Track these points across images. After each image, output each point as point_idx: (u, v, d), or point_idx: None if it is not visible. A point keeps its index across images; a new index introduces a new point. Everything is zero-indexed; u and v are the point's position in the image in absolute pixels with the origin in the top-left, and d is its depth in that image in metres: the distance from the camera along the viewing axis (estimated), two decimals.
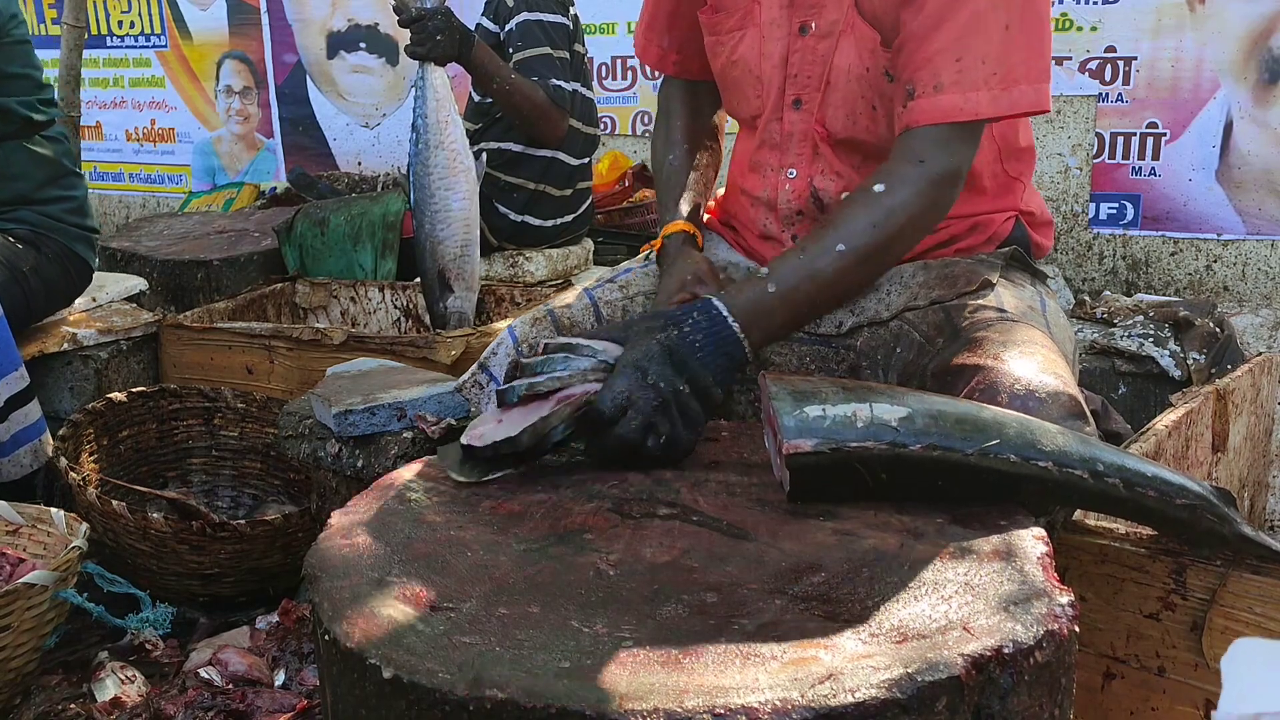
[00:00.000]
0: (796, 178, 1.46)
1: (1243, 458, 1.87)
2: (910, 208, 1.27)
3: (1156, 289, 3.49)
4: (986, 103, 1.27)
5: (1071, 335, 1.46)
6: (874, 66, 1.37)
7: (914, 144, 1.29)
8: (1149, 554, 1.16)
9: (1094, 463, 1.00)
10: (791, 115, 1.44)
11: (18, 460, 2.13)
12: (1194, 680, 1.15)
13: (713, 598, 0.85)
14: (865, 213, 1.27)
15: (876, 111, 1.39)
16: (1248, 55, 3.27)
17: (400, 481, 1.11)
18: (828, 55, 1.39)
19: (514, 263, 3.08)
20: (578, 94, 2.99)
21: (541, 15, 2.89)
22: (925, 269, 1.42)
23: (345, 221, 3.12)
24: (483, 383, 1.53)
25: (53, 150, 2.45)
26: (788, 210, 1.48)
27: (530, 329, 1.48)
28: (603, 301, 1.53)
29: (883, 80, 1.37)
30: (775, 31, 1.43)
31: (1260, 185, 3.31)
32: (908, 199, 1.27)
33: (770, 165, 1.49)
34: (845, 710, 0.70)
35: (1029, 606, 0.81)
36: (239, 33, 4.99)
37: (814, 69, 1.41)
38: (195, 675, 1.60)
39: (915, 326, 1.37)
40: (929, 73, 1.27)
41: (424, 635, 0.80)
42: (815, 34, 1.40)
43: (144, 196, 5.46)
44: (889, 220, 1.26)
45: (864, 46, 1.37)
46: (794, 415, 0.98)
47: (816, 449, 0.97)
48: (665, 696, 0.71)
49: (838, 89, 1.40)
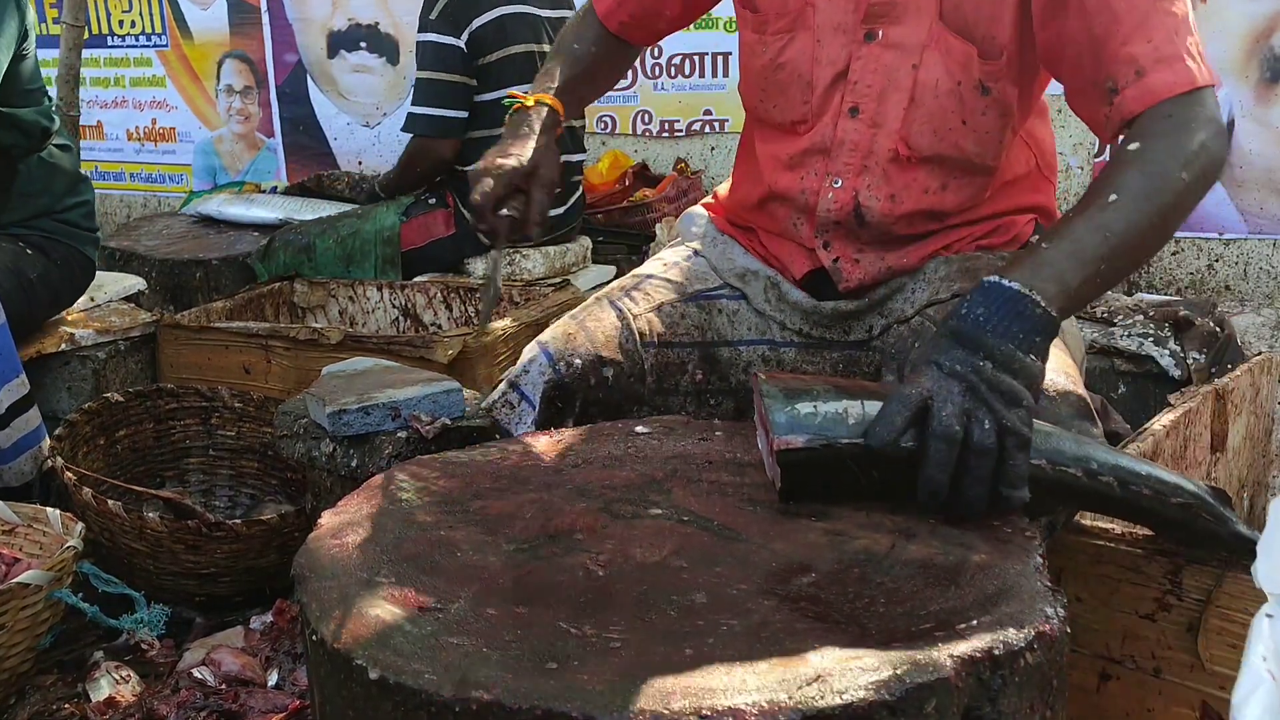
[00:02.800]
0: (842, 188, 1.40)
1: (1242, 458, 1.87)
2: (1176, 151, 1.15)
3: (1158, 288, 3.48)
4: (1195, 70, 1.19)
5: (1080, 338, 1.45)
6: (966, 80, 1.33)
7: (1144, 123, 1.19)
8: (1145, 555, 1.15)
9: (1088, 461, 0.99)
10: (846, 123, 1.39)
11: (19, 468, 2.13)
12: (1190, 681, 1.14)
13: (702, 598, 0.84)
14: (1126, 164, 1.15)
15: (966, 126, 1.35)
16: (1249, 54, 3.26)
17: (391, 481, 1.11)
18: (898, 67, 1.35)
19: (511, 260, 3.07)
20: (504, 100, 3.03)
21: (431, 36, 2.96)
22: (947, 263, 1.40)
23: (335, 244, 3.06)
24: (514, 402, 1.44)
25: (66, 159, 2.45)
26: (825, 219, 1.42)
27: (565, 345, 1.41)
28: (632, 314, 1.46)
29: (976, 94, 1.33)
30: (836, 37, 1.38)
31: (1262, 184, 3.30)
32: (1166, 147, 1.15)
33: (814, 169, 1.42)
34: (833, 712, 0.69)
35: (1020, 608, 0.80)
36: (240, 32, 4.98)
37: (876, 78, 1.36)
38: (189, 675, 1.60)
39: (934, 322, 1.35)
40: (1125, 64, 1.20)
41: (411, 636, 0.80)
42: (883, 43, 1.35)
43: (145, 196, 5.46)
44: (1155, 167, 1.14)
45: (954, 60, 1.32)
46: (785, 411, 0.98)
47: (808, 444, 0.96)
48: (652, 698, 0.71)
49: (923, 105, 1.34)
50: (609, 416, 1.38)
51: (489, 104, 3.00)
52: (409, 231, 3.05)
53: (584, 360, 1.39)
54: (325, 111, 4.87)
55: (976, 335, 1.00)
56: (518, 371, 1.45)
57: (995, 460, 0.94)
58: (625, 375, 1.41)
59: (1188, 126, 1.16)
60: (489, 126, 3.00)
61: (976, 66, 1.32)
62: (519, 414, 1.43)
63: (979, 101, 1.33)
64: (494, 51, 2.98)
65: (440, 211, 3.08)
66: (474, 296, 2.89)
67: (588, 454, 1.17)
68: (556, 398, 1.39)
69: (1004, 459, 0.94)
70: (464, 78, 2.97)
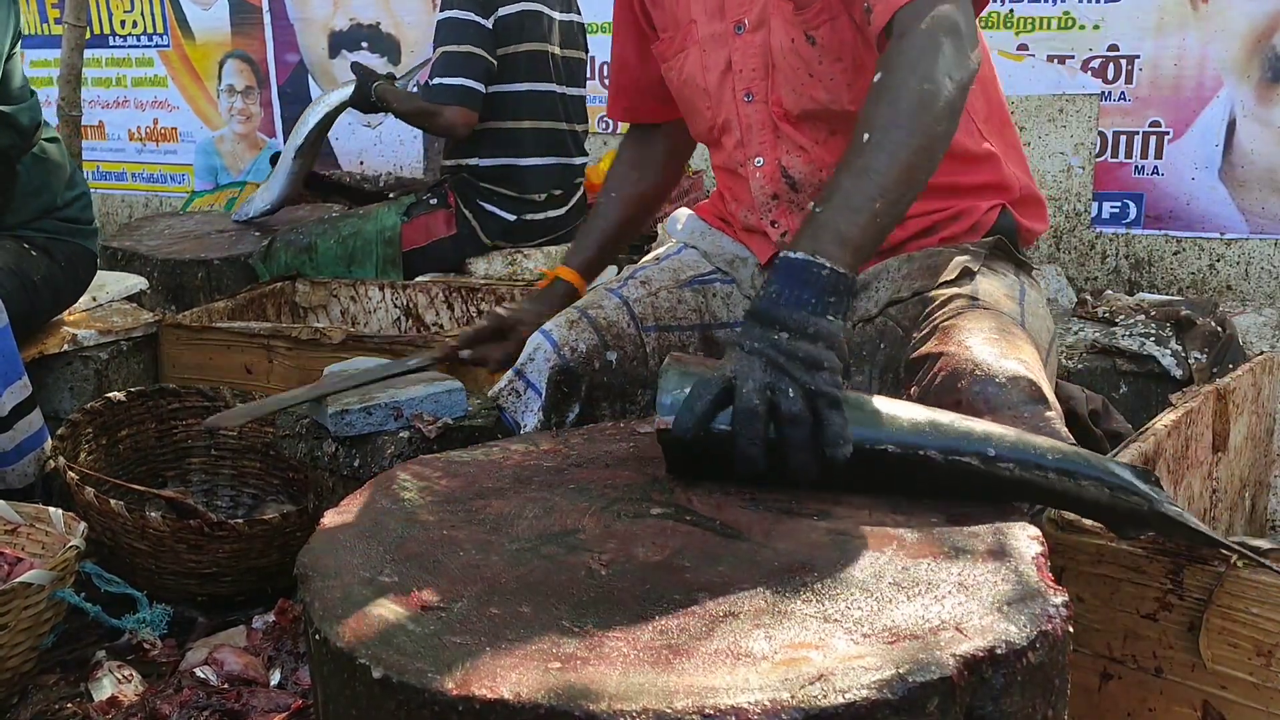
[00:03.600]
0: (765, 164, 1.51)
1: (1244, 458, 1.86)
2: (913, 67, 1.17)
3: (1160, 288, 3.48)
4: None
5: (1050, 326, 1.44)
6: (797, 36, 1.42)
7: (891, 28, 1.22)
8: (1146, 554, 1.15)
9: (985, 447, 0.97)
10: (746, 109, 1.49)
11: (22, 470, 2.14)
12: (1191, 681, 1.14)
13: (704, 597, 0.84)
14: (872, 100, 1.17)
15: (813, 78, 1.43)
16: (1251, 53, 3.26)
17: (394, 480, 1.11)
18: (764, 42, 1.45)
19: (512, 260, 3.08)
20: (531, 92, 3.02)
21: (457, 13, 2.98)
22: (909, 261, 1.42)
23: (336, 244, 3.07)
24: (520, 390, 1.49)
25: (57, 151, 2.45)
26: (762, 196, 1.52)
27: (569, 332, 1.47)
28: (632, 299, 1.55)
29: (806, 46, 1.42)
30: (715, 42, 1.49)
31: (1263, 184, 3.30)
32: (902, 66, 1.17)
33: (739, 161, 1.53)
34: (836, 711, 0.69)
35: (1022, 607, 0.80)
36: (241, 32, 4.99)
37: (755, 60, 1.47)
38: (191, 675, 1.60)
39: (898, 321, 1.36)
40: None
41: (414, 635, 0.80)
42: (749, 29, 1.46)
43: (146, 196, 5.46)
44: (897, 91, 1.15)
45: (785, 20, 1.42)
46: (671, 394, 1.02)
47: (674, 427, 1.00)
48: (655, 697, 0.71)
49: (780, 69, 1.45)
50: (613, 400, 1.44)
51: (497, 96, 3.00)
52: (410, 231, 3.06)
53: (588, 345, 1.45)
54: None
55: (771, 311, 1.02)
56: (523, 360, 1.49)
57: (809, 425, 0.96)
58: (629, 359, 1.47)
59: (922, 34, 1.18)
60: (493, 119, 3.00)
61: (797, 20, 1.41)
62: (525, 401, 1.47)
63: (812, 52, 1.42)
64: (512, 45, 2.99)
65: (441, 211, 3.08)
66: (476, 296, 2.89)
67: (590, 453, 1.17)
68: (563, 383, 1.44)
69: (819, 421, 0.96)
70: (488, 55, 2.97)
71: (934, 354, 1.19)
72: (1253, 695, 1.10)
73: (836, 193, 1.11)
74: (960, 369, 1.14)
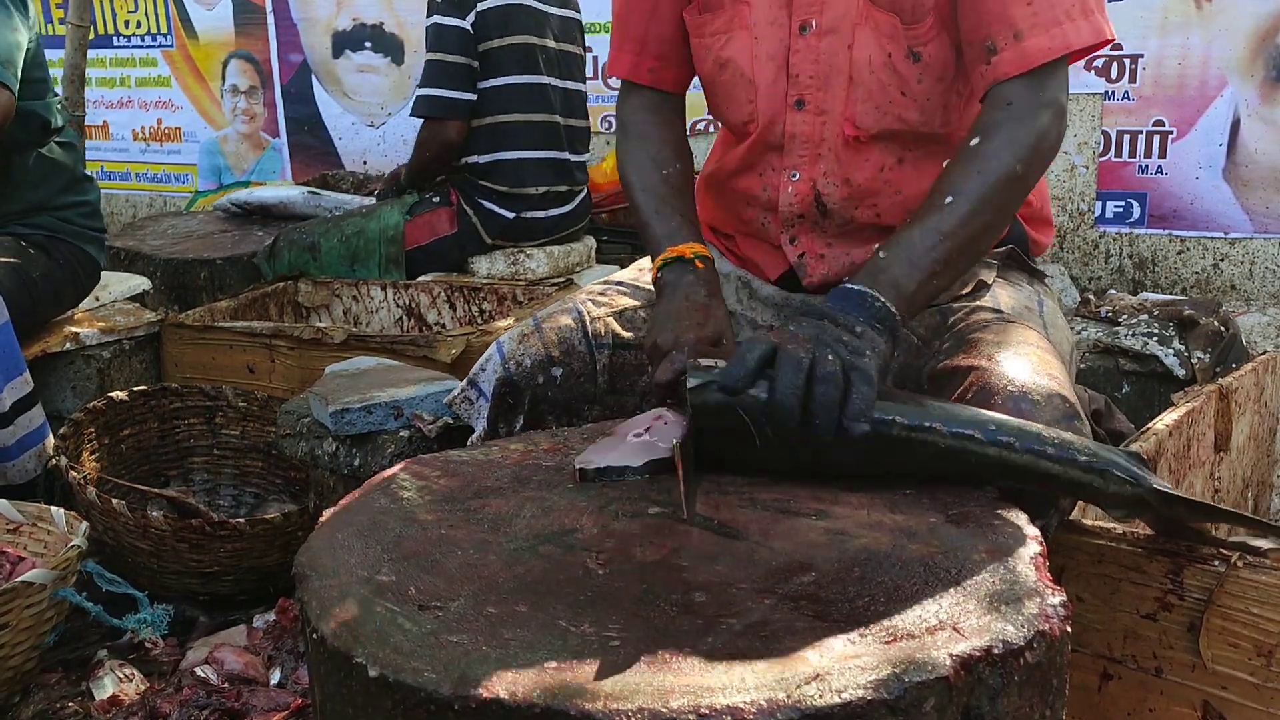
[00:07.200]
0: (799, 180, 1.43)
1: (1246, 457, 1.86)
2: (1013, 146, 1.21)
3: (1163, 288, 3.47)
4: (1072, 34, 1.24)
5: (1069, 335, 1.45)
6: (896, 51, 1.34)
7: (1003, 92, 1.25)
8: (1146, 554, 1.15)
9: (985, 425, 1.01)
10: (794, 116, 1.40)
11: (23, 465, 2.14)
12: (1191, 681, 1.14)
13: (701, 597, 0.84)
14: (964, 163, 1.21)
15: (906, 96, 1.36)
16: (1255, 53, 3.25)
17: (392, 479, 1.11)
18: (835, 52, 1.36)
19: (514, 260, 3.08)
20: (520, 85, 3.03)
21: (438, 19, 2.97)
22: None
23: (340, 243, 3.07)
24: (472, 398, 1.50)
25: (68, 157, 2.46)
26: (789, 213, 1.45)
27: (517, 346, 1.45)
28: (590, 317, 1.48)
29: (908, 62, 1.35)
30: (771, 32, 1.39)
31: (1267, 183, 3.29)
32: (1003, 142, 1.21)
33: (770, 166, 1.45)
34: (831, 711, 0.69)
35: (1020, 606, 0.80)
36: (244, 32, 4.99)
37: (817, 68, 1.38)
38: (191, 674, 1.60)
39: (913, 330, 1.36)
40: (1004, 25, 1.24)
41: (411, 634, 0.80)
42: (817, 32, 1.36)
43: (150, 196, 5.47)
44: (992, 164, 1.20)
45: (882, 34, 1.34)
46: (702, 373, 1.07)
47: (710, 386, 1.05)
48: (650, 696, 0.71)
49: (862, 84, 1.36)
50: (558, 414, 1.44)
51: (486, 91, 3.00)
52: (413, 230, 3.06)
53: (533, 360, 1.43)
54: (330, 111, 4.88)
55: (820, 309, 1.10)
56: (477, 369, 1.50)
57: (840, 390, 1.00)
58: (575, 375, 1.45)
59: (1030, 114, 1.23)
60: (484, 115, 3.00)
61: (903, 35, 1.34)
62: (477, 409, 1.49)
63: (912, 69, 1.35)
64: (496, 38, 2.98)
65: (444, 210, 3.08)
66: (477, 296, 2.89)
67: None
68: (507, 394, 1.44)
69: (849, 390, 1.01)
70: (468, 59, 2.97)
71: (963, 368, 1.20)
72: (1253, 695, 1.10)
73: (903, 243, 1.17)
74: (992, 385, 1.14)
